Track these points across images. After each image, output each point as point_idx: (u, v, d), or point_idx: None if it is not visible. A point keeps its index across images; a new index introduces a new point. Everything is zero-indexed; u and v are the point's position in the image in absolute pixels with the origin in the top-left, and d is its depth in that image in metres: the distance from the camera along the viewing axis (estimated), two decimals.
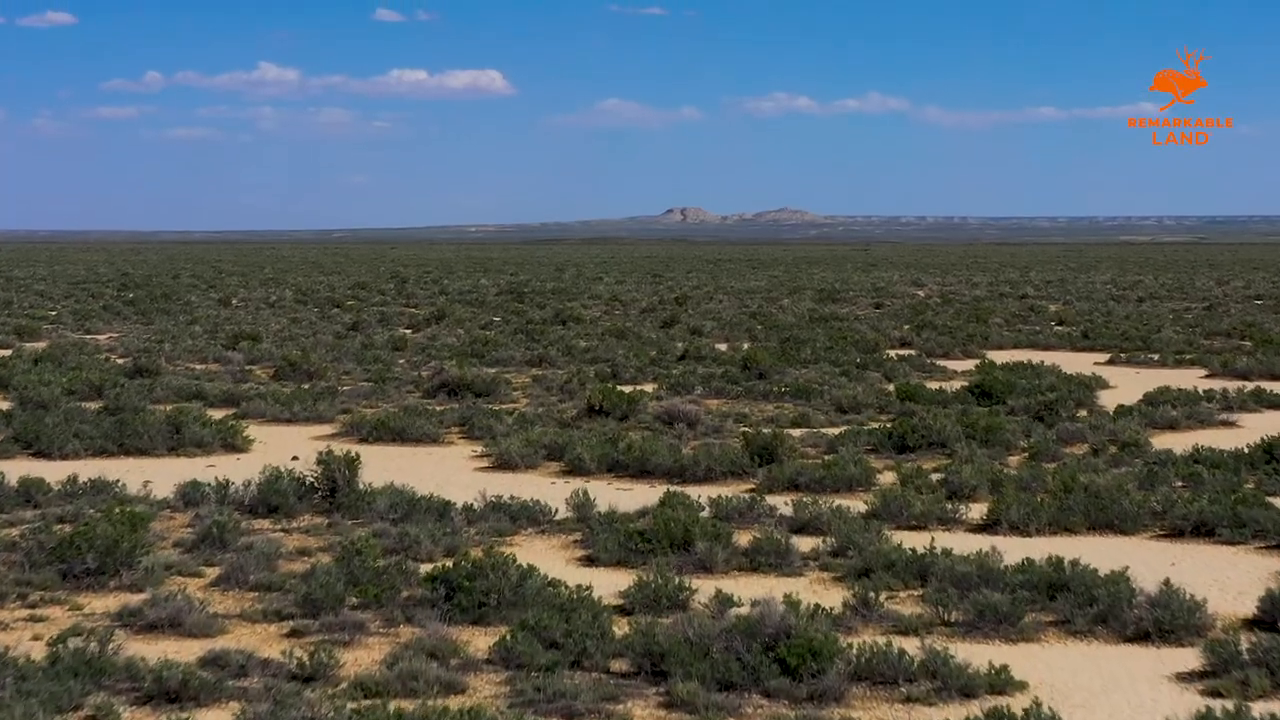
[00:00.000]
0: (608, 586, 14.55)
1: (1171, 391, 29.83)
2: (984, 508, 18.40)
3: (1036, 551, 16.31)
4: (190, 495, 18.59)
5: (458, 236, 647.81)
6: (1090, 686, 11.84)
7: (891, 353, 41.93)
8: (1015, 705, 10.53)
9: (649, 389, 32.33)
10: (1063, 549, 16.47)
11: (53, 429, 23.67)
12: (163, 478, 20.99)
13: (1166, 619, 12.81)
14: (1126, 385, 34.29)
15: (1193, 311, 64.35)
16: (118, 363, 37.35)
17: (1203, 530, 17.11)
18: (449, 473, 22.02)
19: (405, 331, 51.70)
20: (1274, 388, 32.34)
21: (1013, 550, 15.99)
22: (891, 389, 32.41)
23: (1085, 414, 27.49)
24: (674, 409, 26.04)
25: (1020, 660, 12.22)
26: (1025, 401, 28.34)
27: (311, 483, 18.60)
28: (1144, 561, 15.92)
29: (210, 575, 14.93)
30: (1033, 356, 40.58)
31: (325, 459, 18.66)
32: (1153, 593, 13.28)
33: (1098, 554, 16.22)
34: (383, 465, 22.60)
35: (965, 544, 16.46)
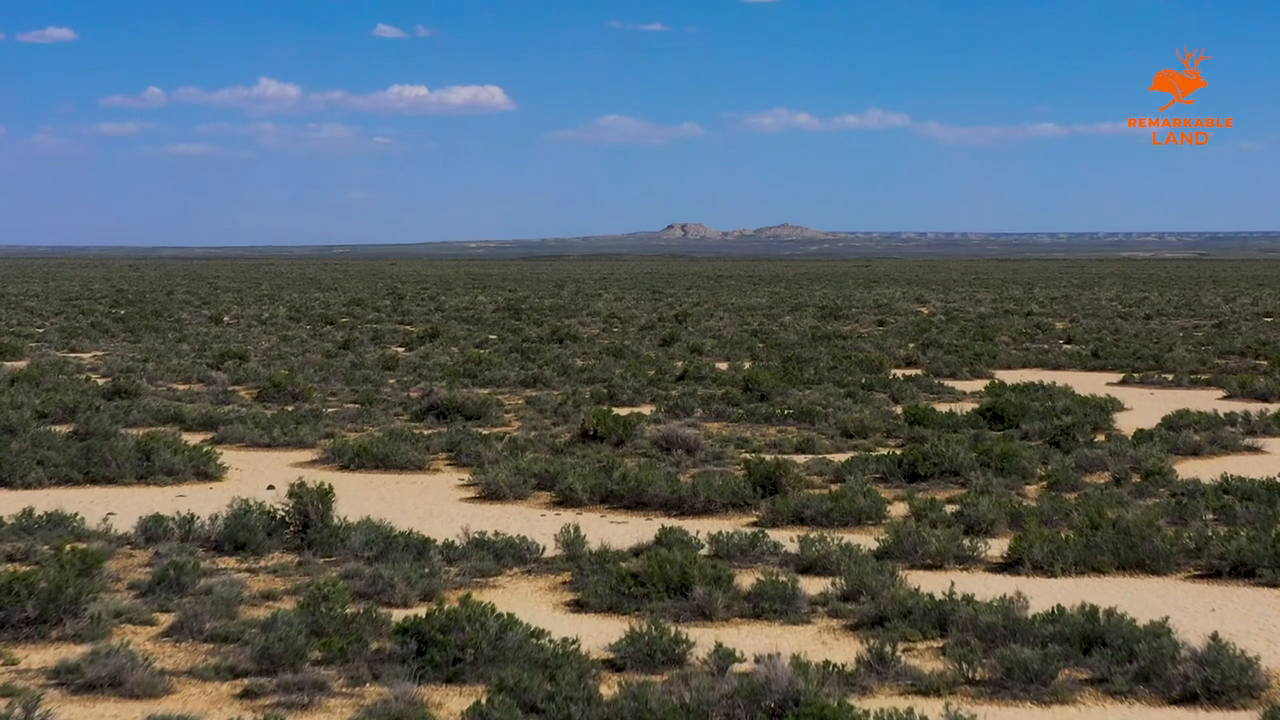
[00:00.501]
0: (597, 636, 13.29)
1: (1192, 415, 28.59)
2: (1004, 544, 17.15)
3: (1063, 594, 15.07)
4: (152, 530, 17.33)
5: (458, 252, 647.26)
6: None
7: (897, 372, 40.68)
8: None
9: (647, 411, 31.10)
10: (1092, 592, 15.24)
11: (16, 456, 22.42)
12: (128, 509, 19.77)
13: (1216, 678, 11.55)
14: (1142, 407, 33.07)
15: (1202, 329, 63.10)
16: (98, 383, 36.10)
17: (1241, 571, 15.85)
18: (433, 504, 20.76)
19: (398, 349, 50.44)
20: None
21: (1038, 594, 14.74)
22: (899, 411, 31.18)
23: (1103, 439, 26.22)
24: (672, 434, 24.78)
25: None
26: (1040, 426, 27.10)
27: (282, 517, 17.34)
28: (1181, 607, 14.66)
29: (163, 623, 13.66)
30: (1043, 377, 39.36)
31: (297, 491, 17.41)
32: (1198, 647, 12.02)
33: (1130, 598, 14.97)
34: (363, 495, 21.38)
35: (986, 586, 15.20)
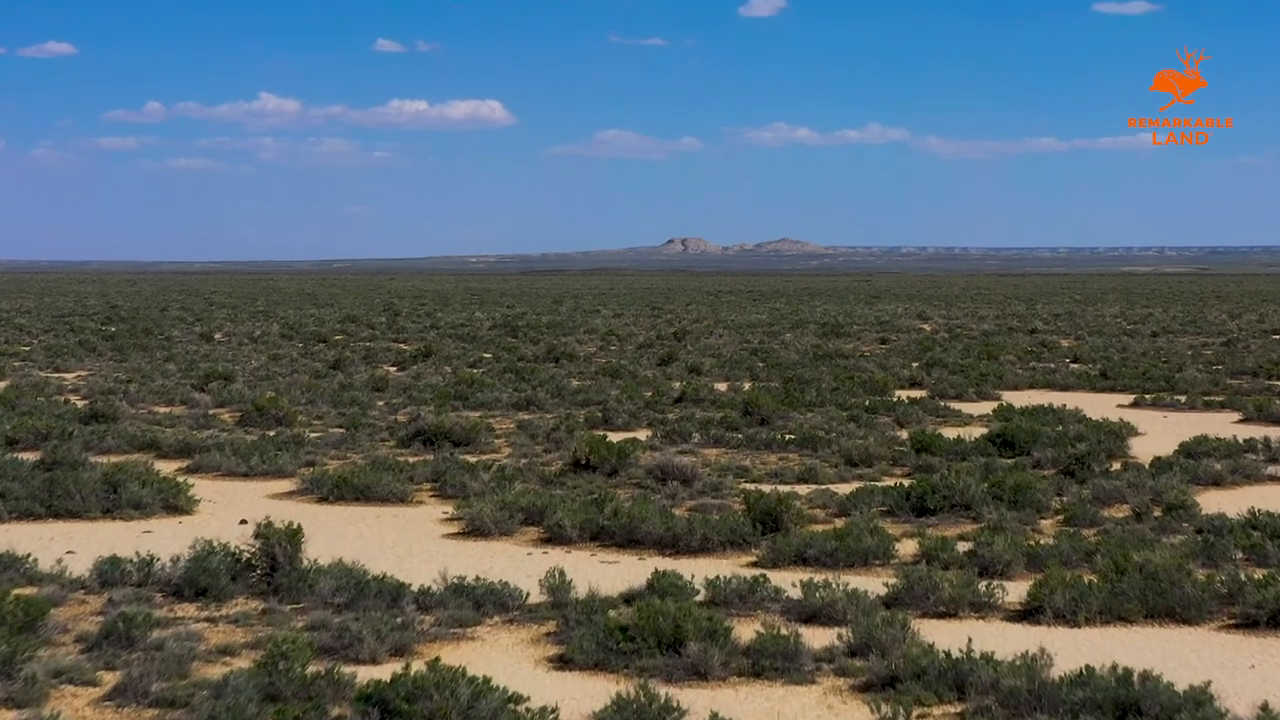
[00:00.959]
0: (581, 700, 12.14)
1: (1210, 441, 27.43)
2: (1021, 588, 15.98)
3: (1089, 647, 13.94)
4: (108, 574, 16.15)
5: (458, 267, 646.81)
6: None
7: (901, 394, 39.49)
8: None
9: (643, 436, 29.94)
10: (1120, 645, 14.09)
11: None
12: (89, 546, 18.62)
13: None
14: (1156, 432, 31.91)
15: (1211, 347, 61.94)
16: (76, 406, 34.92)
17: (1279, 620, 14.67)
18: (413, 540, 19.59)
19: (390, 369, 49.29)
20: None
21: (1062, 647, 13.58)
22: (904, 436, 30.06)
23: (1119, 467, 25.06)
24: (668, 463, 23.61)
25: None
26: (1052, 453, 25.94)
27: (248, 559, 16.16)
28: (1218, 663, 13.50)
29: (107, 684, 12.49)
30: (1051, 398, 38.22)
31: (264, 532, 16.23)
32: (1246, 718, 10.86)
33: (1162, 653, 13.82)
34: (340, 530, 20.23)
35: (1005, 639, 14.04)
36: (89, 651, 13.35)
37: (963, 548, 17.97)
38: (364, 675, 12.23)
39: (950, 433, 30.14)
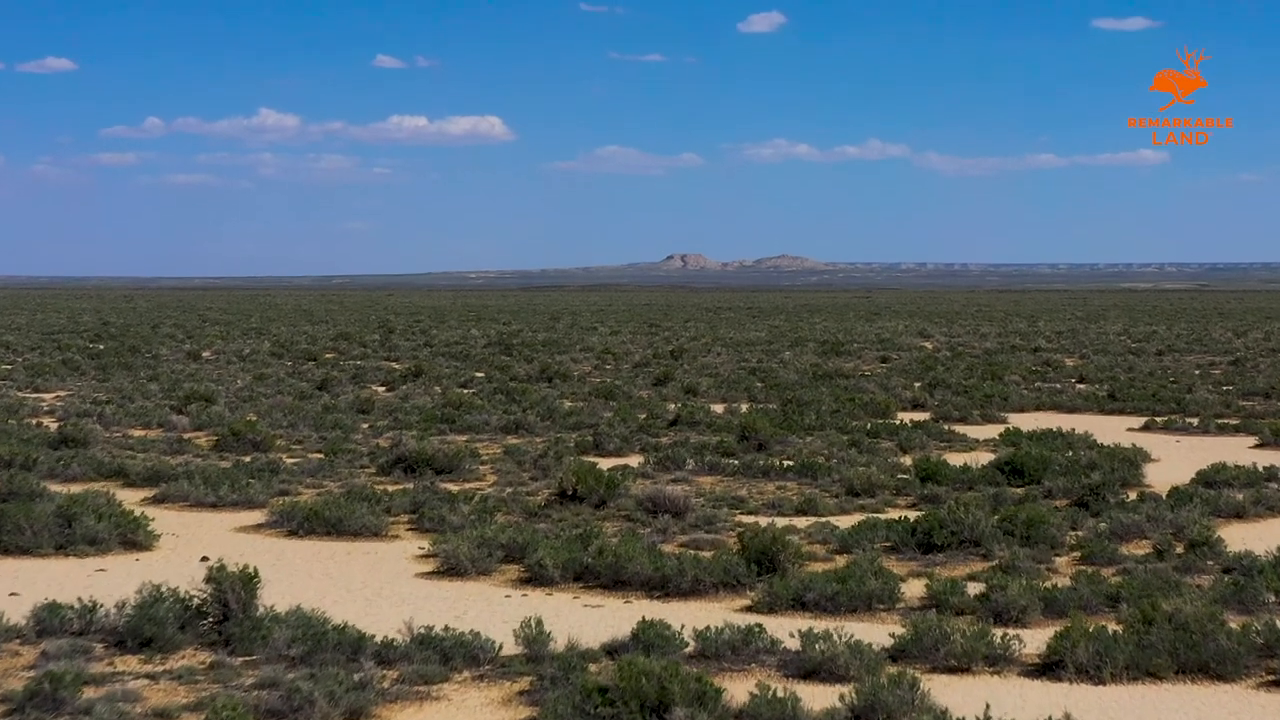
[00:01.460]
0: None
1: (1229, 469, 26.15)
2: (1038, 636, 14.71)
3: (1115, 708, 12.69)
4: (46, 622, 14.86)
5: (458, 283, 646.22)
6: None
7: (903, 416, 38.26)
8: None
9: (635, 462, 28.68)
10: (1150, 705, 12.82)
11: None
12: (37, 587, 17.34)
13: None
14: (1170, 458, 30.63)
15: (1219, 367, 60.67)
16: (49, 429, 33.63)
17: None
18: (383, 580, 18.28)
19: (378, 389, 48.02)
20: None
21: (1087, 709, 12.34)
22: (907, 462, 28.80)
23: (1134, 497, 23.77)
24: (659, 495, 22.31)
25: None
26: (1064, 483, 24.65)
27: (199, 606, 14.87)
28: None
29: None
30: (1059, 421, 36.99)
31: (216, 576, 14.94)
32: None
33: (1195, 713, 12.55)
34: (307, 569, 18.94)
35: (1024, 699, 12.78)
36: (11, 715, 12.06)
37: (974, 590, 16.69)
38: None
39: (956, 459, 28.86)
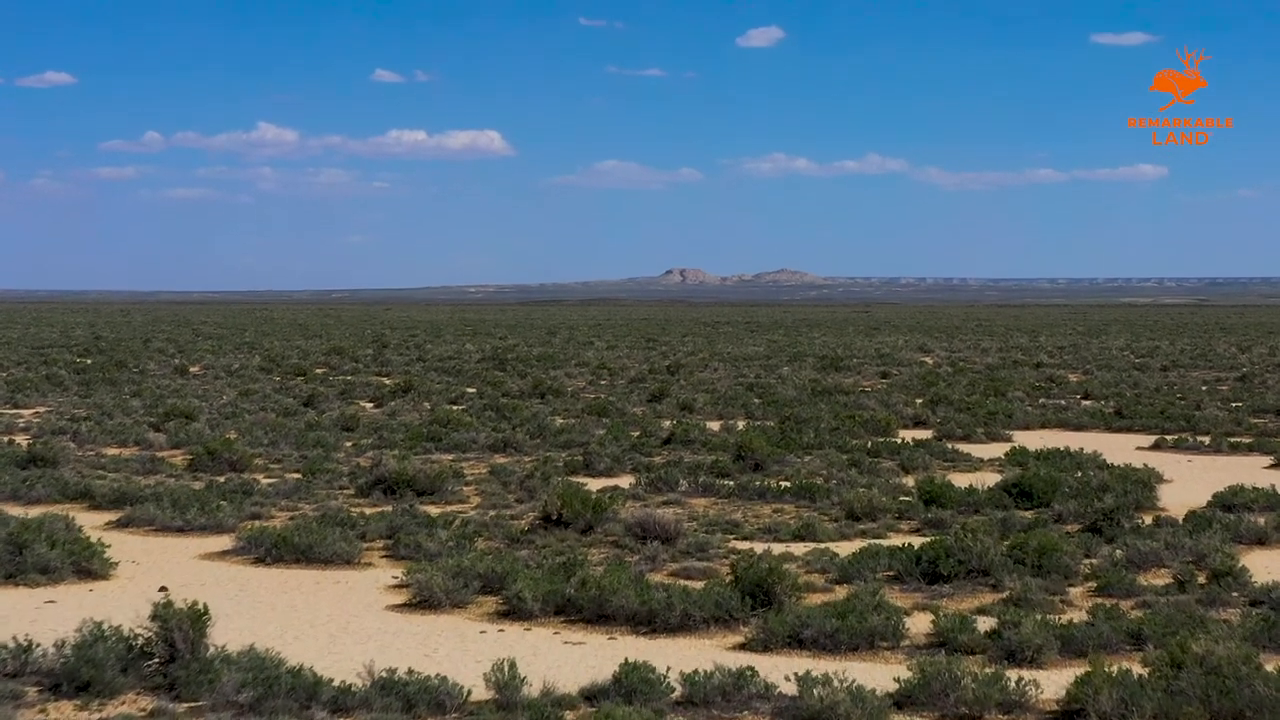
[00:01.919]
0: None
1: (1247, 492, 24.98)
2: (1056, 679, 13.58)
3: None
4: None
5: (457, 297, 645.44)
6: None
7: (905, 434, 37.09)
8: None
9: (625, 483, 27.50)
10: None
11: None
12: None
13: None
14: (1183, 478, 29.47)
15: (1226, 383, 59.51)
16: (19, 447, 32.43)
17: None
18: (352, 613, 17.08)
19: (366, 405, 46.84)
20: None
21: None
22: (910, 483, 27.63)
23: (1149, 521, 22.59)
24: (648, 520, 21.12)
25: None
26: (1075, 506, 23.47)
27: (143, 646, 13.68)
28: None
29: None
30: (1065, 439, 35.84)
31: (162, 613, 13.75)
32: None
33: None
34: (271, 600, 17.74)
35: None
36: None
37: (984, 626, 15.51)
38: None
39: (960, 479, 27.71)
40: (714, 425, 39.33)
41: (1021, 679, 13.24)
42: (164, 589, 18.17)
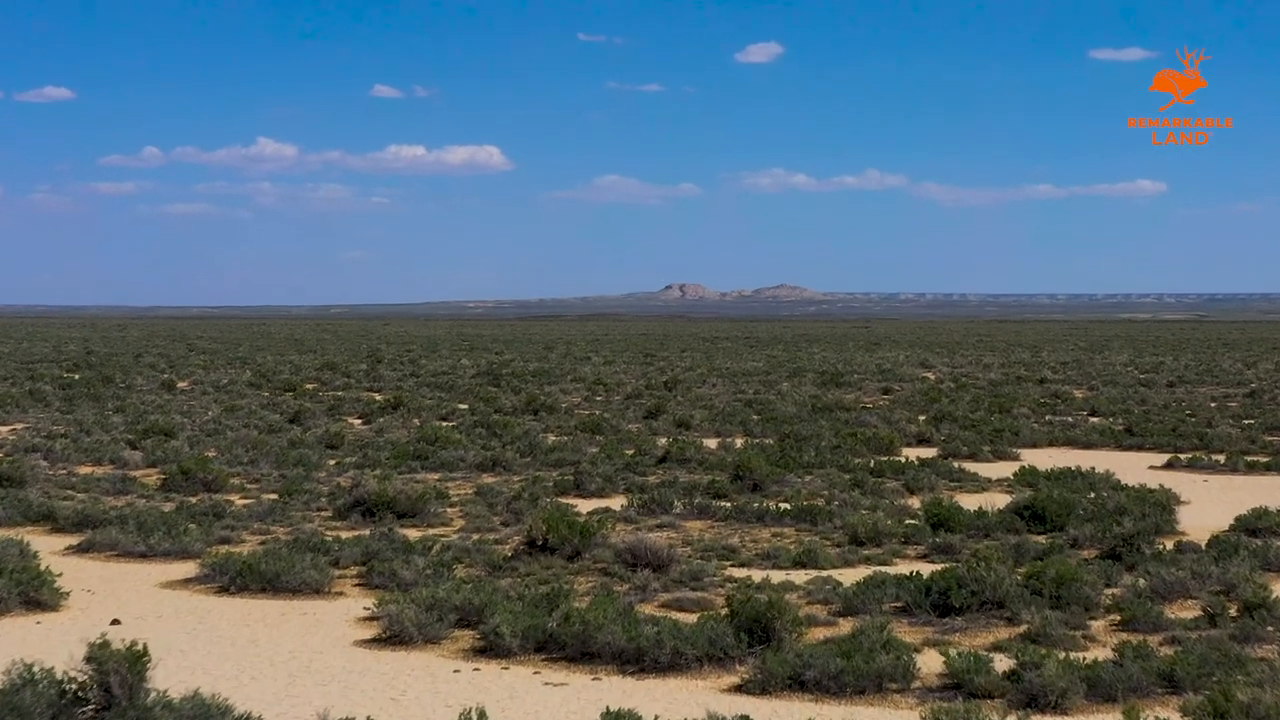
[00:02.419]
0: None
1: (1272, 515, 23.73)
2: None
3: None
4: None
5: (456, 312, 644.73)
6: None
7: (909, 453, 35.83)
8: None
9: (618, 505, 26.25)
10: None
11: None
12: None
13: None
14: (1200, 500, 28.20)
15: (1234, 399, 58.26)
16: None
17: None
18: (315, 650, 15.80)
19: (354, 422, 45.59)
20: None
21: None
22: (915, 504, 26.39)
23: (1170, 547, 21.33)
24: (639, 546, 19.84)
25: None
26: (1090, 530, 22.20)
27: (76, 691, 12.41)
28: None
29: None
30: (1074, 458, 34.61)
31: (97, 655, 12.47)
32: None
33: None
34: (230, 635, 16.45)
35: None
36: None
37: (1001, 665, 14.23)
38: None
39: (968, 501, 26.45)
40: (711, 443, 38.08)
41: None
42: (116, 622, 16.92)
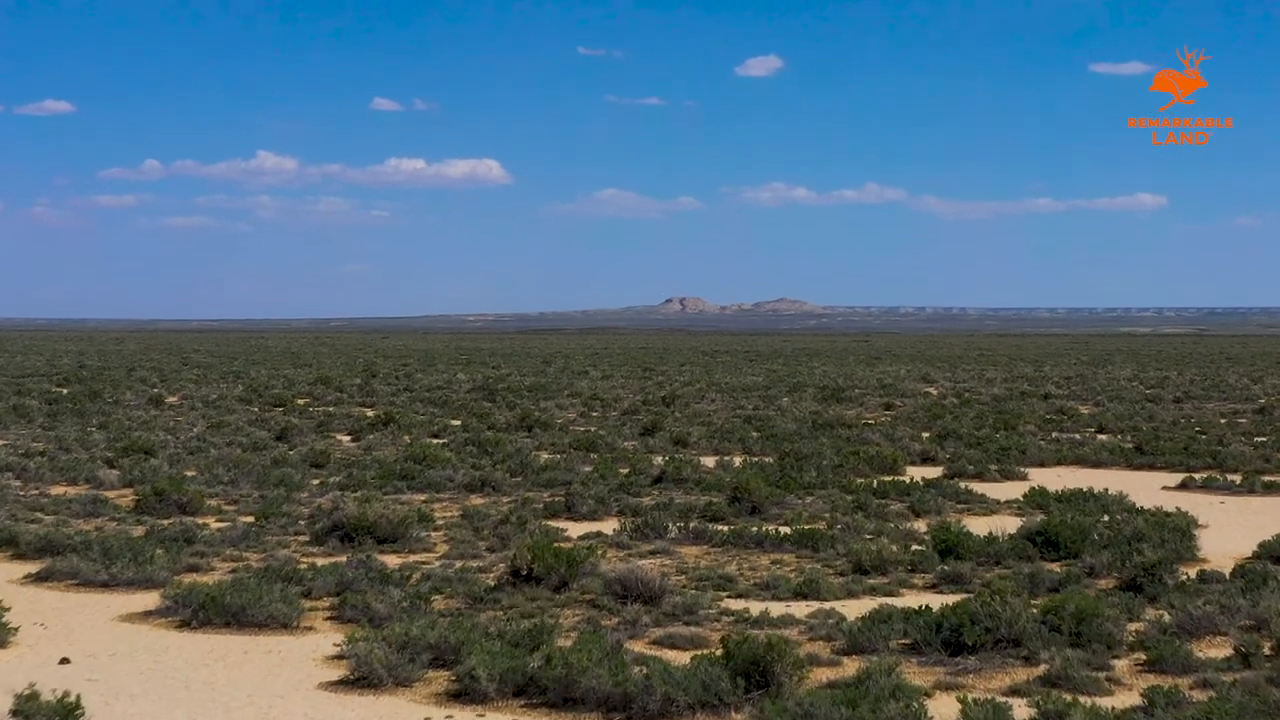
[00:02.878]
0: None
1: None
2: None
3: None
4: None
5: (456, 325, 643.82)
6: None
7: (913, 472, 34.67)
8: None
9: (610, 529, 25.09)
10: None
11: None
12: None
13: None
14: (1219, 523, 27.02)
15: (1244, 415, 57.07)
16: None
17: None
18: (277, 693, 14.61)
19: (343, 439, 44.42)
20: None
21: None
22: (921, 528, 25.26)
23: (1193, 576, 20.17)
24: (630, 576, 18.65)
25: None
26: (1108, 557, 21.02)
27: None
28: None
29: None
30: (1084, 477, 33.56)
31: (24, 708, 11.31)
32: None
33: None
34: (187, 676, 15.26)
35: None
36: None
37: (1021, 713, 13.08)
38: None
39: (977, 524, 25.30)
40: (709, 461, 36.93)
41: None
42: (66, 661, 15.74)
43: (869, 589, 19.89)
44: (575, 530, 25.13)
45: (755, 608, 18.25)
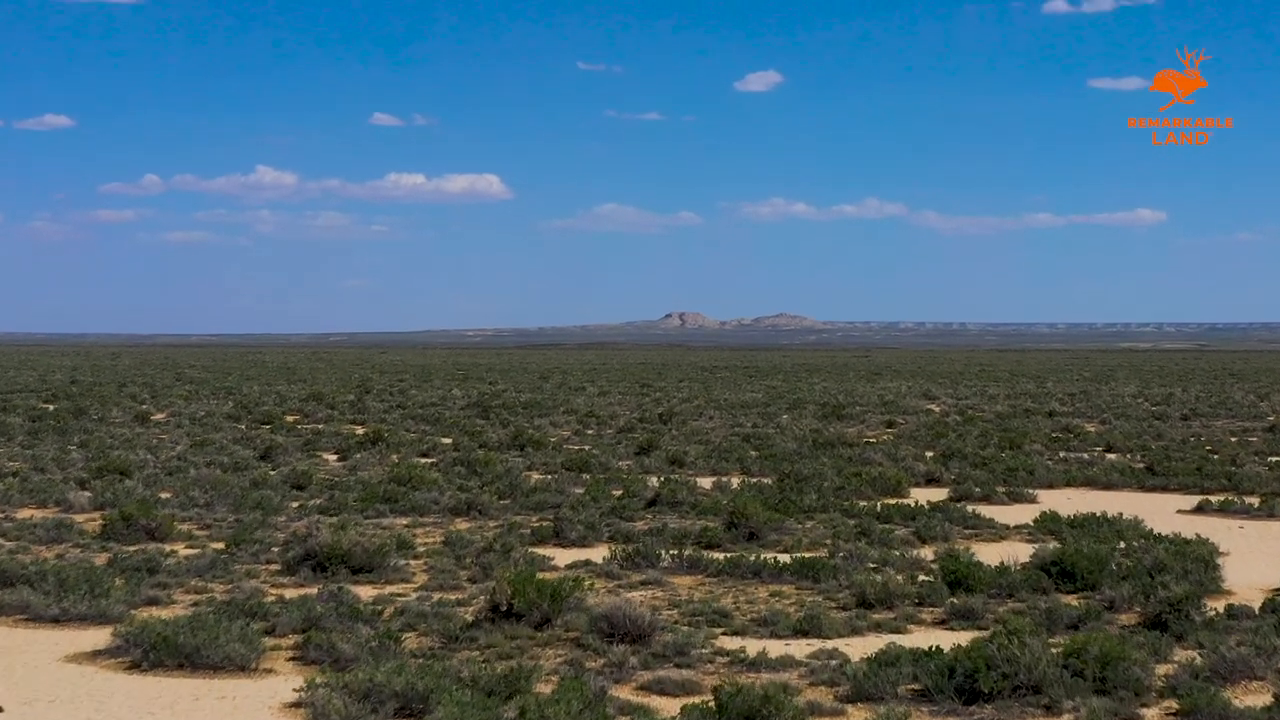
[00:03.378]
0: None
1: None
2: None
3: None
4: None
5: (456, 340, 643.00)
6: None
7: (918, 494, 33.38)
8: None
9: (599, 557, 23.76)
10: None
11: None
12: None
13: None
14: (1240, 550, 25.69)
15: (1254, 434, 55.76)
16: None
17: None
18: None
19: (329, 458, 43.11)
20: None
21: None
22: (928, 555, 23.97)
23: (1219, 610, 18.84)
24: (617, 613, 17.33)
25: None
26: (1128, 590, 19.71)
27: None
28: None
29: None
30: (1095, 500, 32.35)
31: None
32: None
33: None
34: None
35: None
36: None
37: None
38: None
39: (986, 551, 24.00)
40: (706, 482, 35.61)
41: None
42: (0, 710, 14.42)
43: (874, 625, 18.58)
44: (563, 558, 23.84)
45: (752, 647, 16.93)
